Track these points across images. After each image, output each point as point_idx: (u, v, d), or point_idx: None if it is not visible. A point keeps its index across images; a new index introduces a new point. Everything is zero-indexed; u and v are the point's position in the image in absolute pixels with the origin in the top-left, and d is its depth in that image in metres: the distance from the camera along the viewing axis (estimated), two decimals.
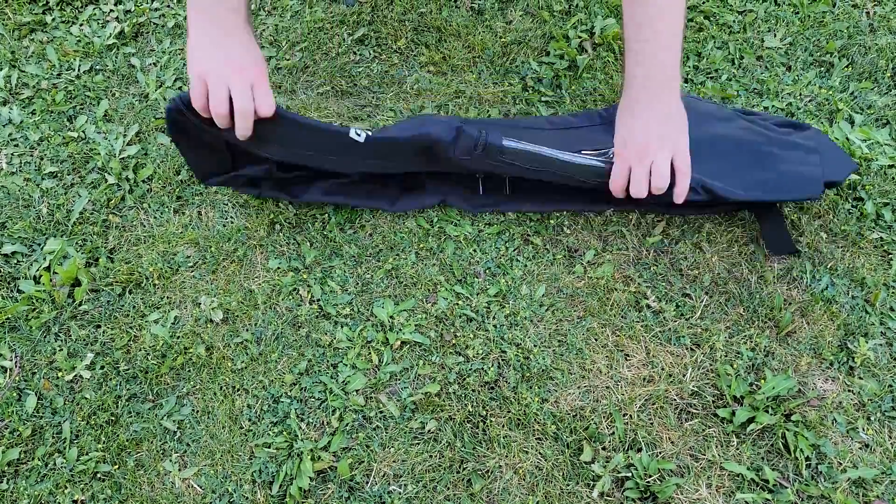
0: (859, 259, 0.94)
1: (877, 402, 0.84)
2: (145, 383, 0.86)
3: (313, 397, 0.84)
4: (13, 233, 0.96)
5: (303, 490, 0.78)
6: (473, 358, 0.87)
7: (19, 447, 0.82)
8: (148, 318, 0.90)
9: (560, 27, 1.17)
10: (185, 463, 0.81)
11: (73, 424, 0.83)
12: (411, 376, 0.86)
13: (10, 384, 0.86)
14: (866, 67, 1.12)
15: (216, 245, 0.95)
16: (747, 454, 0.80)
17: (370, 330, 0.88)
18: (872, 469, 0.79)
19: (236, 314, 0.90)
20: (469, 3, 1.21)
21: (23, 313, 0.90)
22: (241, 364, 0.87)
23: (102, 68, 1.13)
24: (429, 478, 0.79)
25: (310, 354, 0.87)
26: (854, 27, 1.16)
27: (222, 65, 0.77)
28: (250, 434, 0.82)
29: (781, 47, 1.15)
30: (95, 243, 0.96)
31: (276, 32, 1.18)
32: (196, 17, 0.78)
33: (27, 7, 1.20)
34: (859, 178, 1.00)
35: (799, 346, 0.87)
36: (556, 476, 0.79)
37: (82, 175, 1.02)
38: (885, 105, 1.08)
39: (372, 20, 1.18)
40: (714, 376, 0.85)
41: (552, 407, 0.84)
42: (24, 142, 1.05)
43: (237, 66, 0.77)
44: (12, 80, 1.11)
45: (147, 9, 1.19)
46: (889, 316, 0.89)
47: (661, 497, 0.77)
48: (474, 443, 0.81)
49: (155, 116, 1.07)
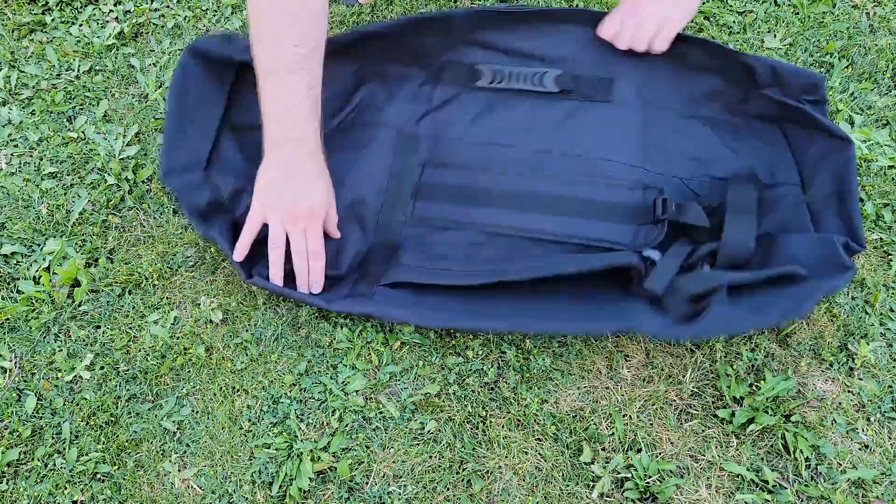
0: (859, 259, 0.94)
1: (876, 403, 0.84)
2: (145, 384, 0.86)
3: (313, 398, 0.84)
4: (13, 233, 0.96)
5: (303, 491, 0.78)
6: (473, 359, 0.87)
7: (19, 448, 0.82)
8: (147, 319, 0.90)
9: None
10: (185, 463, 0.81)
11: (72, 425, 0.83)
12: (411, 377, 0.86)
13: (9, 385, 0.86)
14: (866, 68, 1.12)
15: (216, 245, 0.95)
16: (747, 455, 0.80)
17: (370, 331, 0.88)
18: (872, 470, 0.79)
19: (236, 315, 0.90)
20: (469, 4, 1.21)
21: (22, 314, 0.90)
22: (240, 365, 0.87)
23: (102, 69, 1.13)
24: (428, 478, 0.79)
25: (309, 355, 0.87)
26: (854, 28, 1.16)
27: (282, 206, 0.82)
28: (250, 435, 0.82)
29: (781, 48, 1.15)
30: (95, 244, 0.96)
31: None
32: (268, 149, 0.81)
33: (27, 7, 1.20)
34: (859, 179, 1.00)
35: (799, 348, 0.87)
36: (556, 477, 0.79)
37: (82, 175, 1.02)
38: (885, 106, 1.08)
39: (372, 20, 1.18)
40: (714, 377, 0.85)
41: (552, 408, 0.84)
42: (23, 142, 1.05)
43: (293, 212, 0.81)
44: (12, 81, 1.11)
45: (147, 9, 1.19)
46: (889, 317, 0.90)
47: (661, 498, 0.77)
48: (474, 443, 0.81)
49: (155, 117, 1.07)
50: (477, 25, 0.97)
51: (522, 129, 0.97)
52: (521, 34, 0.97)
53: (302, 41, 0.77)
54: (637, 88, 0.97)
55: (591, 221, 0.92)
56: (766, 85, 0.91)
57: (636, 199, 0.92)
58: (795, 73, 0.90)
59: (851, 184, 0.85)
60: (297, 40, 0.76)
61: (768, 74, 0.90)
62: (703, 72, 0.95)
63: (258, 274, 0.85)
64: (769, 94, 0.91)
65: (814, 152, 0.90)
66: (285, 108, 0.79)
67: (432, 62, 0.99)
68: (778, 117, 0.93)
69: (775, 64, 0.90)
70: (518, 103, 0.98)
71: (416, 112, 0.99)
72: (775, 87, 0.91)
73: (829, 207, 0.86)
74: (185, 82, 0.91)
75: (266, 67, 0.78)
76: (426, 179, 0.95)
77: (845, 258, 0.79)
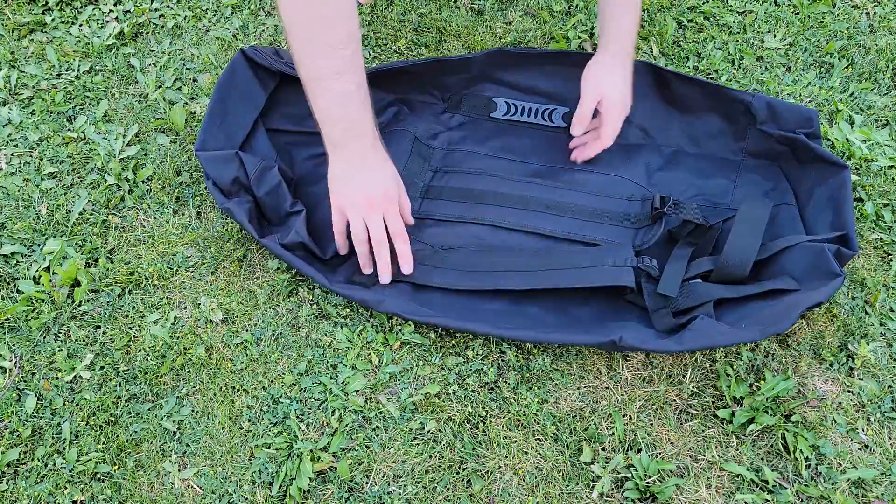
0: (859, 259, 0.94)
1: (876, 403, 0.84)
2: (145, 384, 0.86)
3: (313, 398, 0.84)
4: (13, 233, 0.96)
5: (302, 490, 0.78)
6: (473, 359, 0.87)
7: (19, 448, 0.82)
8: (147, 319, 0.90)
9: (560, 27, 1.17)
10: (185, 463, 0.81)
11: (72, 425, 0.83)
12: (411, 377, 0.86)
13: (9, 385, 0.86)
14: (866, 68, 1.12)
15: (216, 245, 0.95)
16: (747, 455, 0.80)
17: (370, 330, 0.88)
18: (872, 470, 0.79)
19: (236, 315, 0.90)
20: (469, 4, 1.21)
21: (22, 314, 0.90)
22: (240, 365, 0.87)
23: (102, 69, 1.13)
24: (428, 478, 0.79)
25: (309, 355, 0.87)
26: (854, 28, 1.16)
27: (357, 196, 0.83)
28: (250, 434, 0.82)
29: (781, 48, 1.15)
30: (95, 244, 0.96)
31: (275, 33, 1.18)
32: (331, 150, 0.83)
33: (27, 7, 1.20)
34: (859, 179, 1.00)
35: (799, 347, 0.87)
36: (556, 476, 0.79)
37: (82, 175, 1.02)
38: (885, 106, 1.08)
39: (371, 20, 1.18)
40: (714, 377, 0.85)
41: (552, 408, 0.84)
42: (23, 142, 1.05)
43: (369, 199, 0.83)
44: (12, 81, 1.11)
45: (147, 9, 1.19)
46: (889, 317, 0.89)
47: (661, 498, 0.77)
48: (474, 443, 0.81)
49: (155, 117, 1.07)
50: (493, 65, 1.04)
51: (531, 149, 1.03)
52: (531, 74, 1.05)
53: (344, 43, 0.77)
54: (641, 128, 1.03)
55: (590, 223, 0.95)
56: (764, 121, 0.96)
57: (635, 207, 0.96)
58: (790, 109, 0.95)
59: (846, 197, 0.87)
60: (340, 43, 0.77)
61: (765, 110, 0.95)
62: (705, 111, 1.01)
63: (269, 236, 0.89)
64: (766, 130, 0.96)
65: (809, 182, 0.93)
66: (341, 110, 0.80)
67: (452, 96, 1.07)
68: (775, 154, 0.98)
69: (772, 101, 0.95)
70: (528, 133, 1.05)
71: (433, 129, 1.05)
72: (771, 123, 0.96)
73: (822, 219, 0.89)
74: (233, 78, 0.97)
75: (313, 74, 0.79)
76: (435, 183, 1.00)
77: (835, 266, 0.80)
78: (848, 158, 1.02)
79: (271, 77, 1.00)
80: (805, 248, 0.84)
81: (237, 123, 0.96)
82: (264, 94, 0.99)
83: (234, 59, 0.98)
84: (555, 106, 1.05)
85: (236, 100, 0.97)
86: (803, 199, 0.93)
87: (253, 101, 0.98)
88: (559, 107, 1.05)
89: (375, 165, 0.84)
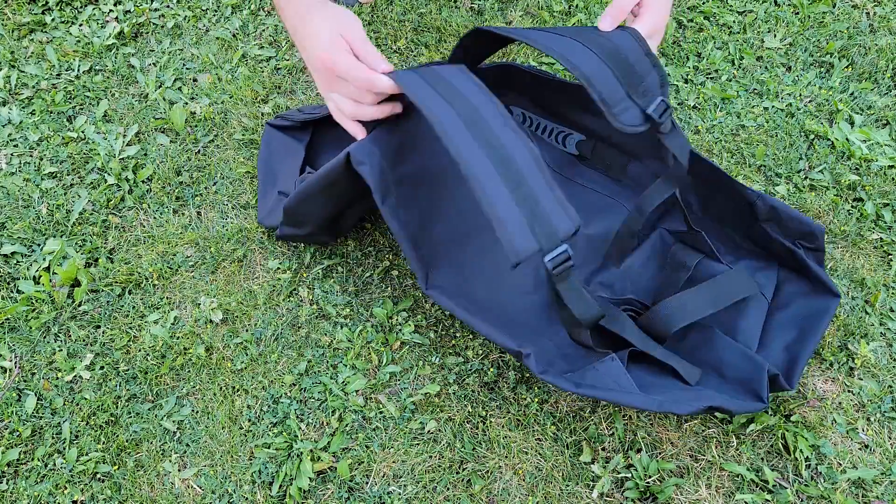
0: (859, 259, 0.94)
1: (876, 403, 0.84)
2: (145, 384, 0.86)
3: (313, 398, 0.84)
4: (13, 233, 0.96)
5: (302, 490, 0.78)
6: (473, 358, 0.87)
7: (19, 447, 0.82)
8: (147, 319, 0.90)
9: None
10: (185, 463, 0.81)
11: (72, 425, 0.83)
12: (411, 377, 0.86)
13: (9, 384, 0.86)
14: (866, 68, 1.12)
15: (216, 245, 0.95)
16: (747, 455, 0.80)
17: (370, 330, 0.88)
18: (872, 470, 0.79)
19: (236, 315, 0.90)
20: (469, 4, 1.21)
21: (22, 314, 0.90)
22: (240, 364, 0.87)
23: (102, 68, 1.13)
24: (428, 478, 0.79)
25: (309, 355, 0.87)
26: (854, 28, 1.16)
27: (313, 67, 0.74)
28: (250, 434, 0.82)
29: (781, 48, 1.15)
30: (95, 244, 0.96)
31: (275, 33, 1.18)
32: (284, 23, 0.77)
33: (27, 7, 1.20)
34: (859, 179, 1.00)
35: None
36: (556, 476, 0.79)
37: (82, 175, 1.02)
38: (885, 105, 1.08)
39: (372, 20, 1.18)
40: None
41: (552, 408, 0.84)
42: (23, 142, 1.05)
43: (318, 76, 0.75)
44: (12, 81, 1.11)
45: (147, 9, 1.19)
46: (889, 317, 0.89)
47: (661, 498, 0.77)
48: (474, 443, 0.81)
49: (154, 117, 1.07)
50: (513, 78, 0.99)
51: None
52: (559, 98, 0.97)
53: None
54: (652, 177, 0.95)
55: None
56: (766, 220, 0.87)
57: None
58: (795, 218, 0.85)
59: (819, 328, 0.81)
60: None
61: (767, 211, 0.86)
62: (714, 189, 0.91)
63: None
64: (767, 229, 0.87)
65: (795, 287, 0.87)
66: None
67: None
68: (775, 253, 0.90)
69: (776, 204, 0.85)
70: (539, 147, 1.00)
71: None
72: (774, 224, 0.87)
73: (783, 335, 0.83)
74: (269, 148, 1.00)
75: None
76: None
77: (762, 391, 0.74)
78: (848, 158, 1.02)
79: (303, 131, 1.00)
80: (747, 354, 0.78)
81: (285, 178, 0.97)
82: (302, 147, 0.99)
83: (265, 133, 1.00)
84: (571, 131, 0.99)
85: (279, 162, 0.99)
86: (780, 301, 0.86)
87: (294, 156, 0.99)
88: (575, 133, 0.98)
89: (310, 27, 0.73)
